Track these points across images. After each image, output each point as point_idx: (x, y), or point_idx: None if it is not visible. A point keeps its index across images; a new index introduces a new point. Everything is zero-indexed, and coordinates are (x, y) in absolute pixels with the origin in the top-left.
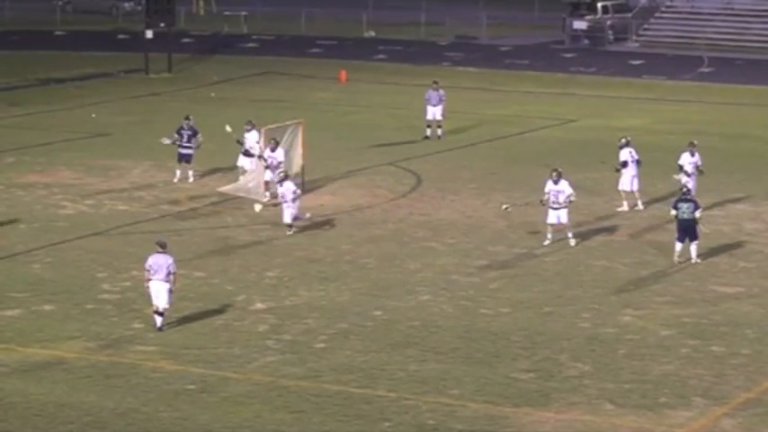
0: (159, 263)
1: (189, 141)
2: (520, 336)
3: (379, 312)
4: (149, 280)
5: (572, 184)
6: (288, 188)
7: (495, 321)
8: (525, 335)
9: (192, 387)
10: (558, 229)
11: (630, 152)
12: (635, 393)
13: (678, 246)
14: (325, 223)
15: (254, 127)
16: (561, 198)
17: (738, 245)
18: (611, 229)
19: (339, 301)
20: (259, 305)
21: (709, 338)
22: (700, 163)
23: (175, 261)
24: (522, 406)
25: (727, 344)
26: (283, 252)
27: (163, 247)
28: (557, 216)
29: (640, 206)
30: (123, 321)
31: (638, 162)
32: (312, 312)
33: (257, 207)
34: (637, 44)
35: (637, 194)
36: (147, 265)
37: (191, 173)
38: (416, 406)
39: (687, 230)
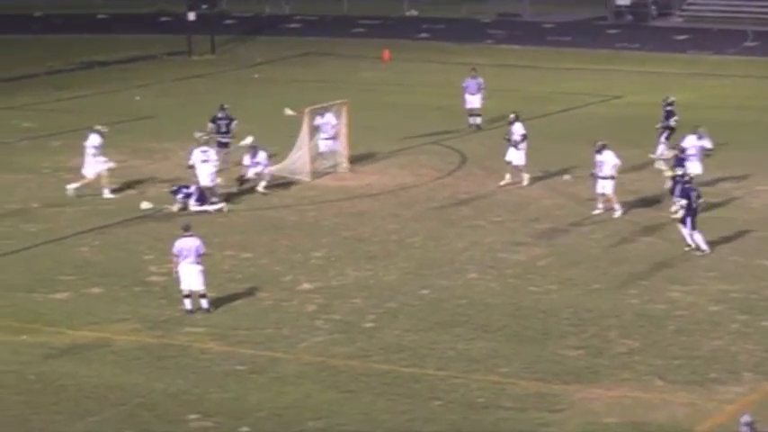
0: (188, 246)
1: (227, 130)
2: (568, 313)
3: (426, 291)
4: (178, 264)
5: (617, 155)
6: None
7: (543, 299)
8: (573, 312)
9: (241, 368)
10: (606, 199)
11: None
12: (685, 369)
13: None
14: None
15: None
16: (606, 168)
17: None
18: (656, 206)
19: (386, 280)
20: (307, 285)
21: (759, 313)
22: (709, 146)
23: (203, 242)
24: (571, 383)
25: None
26: (330, 232)
27: (188, 230)
28: (602, 186)
29: (525, 181)
30: (171, 303)
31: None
32: (360, 292)
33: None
34: (681, 19)
35: (524, 169)
36: (175, 251)
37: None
38: (466, 384)
39: (695, 217)
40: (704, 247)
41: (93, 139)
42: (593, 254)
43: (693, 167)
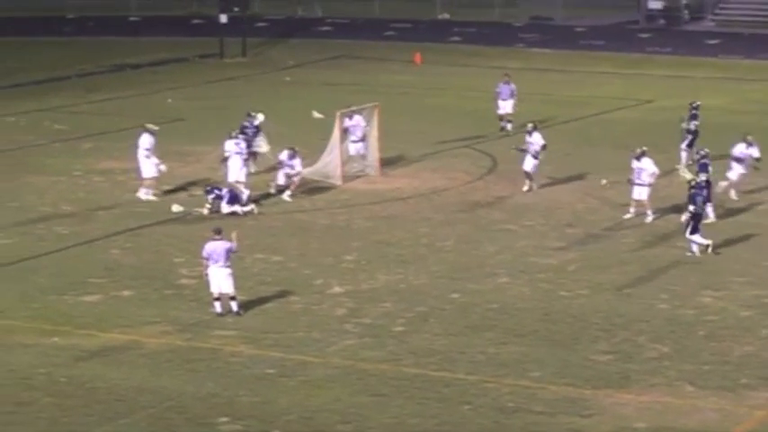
0: (218, 250)
1: (254, 137)
2: (599, 318)
3: (457, 295)
4: (208, 267)
5: (655, 163)
6: None
7: (573, 303)
8: (604, 317)
9: (271, 371)
10: (640, 205)
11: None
12: (715, 375)
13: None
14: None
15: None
16: (644, 175)
17: None
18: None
19: (417, 284)
20: (337, 289)
21: None
22: (757, 155)
23: (233, 245)
24: (601, 388)
25: None
26: (361, 236)
27: (218, 234)
28: (638, 192)
29: (534, 188)
30: (202, 306)
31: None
32: (390, 296)
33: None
34: (713, 23)
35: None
36: (205, 254)
37: (253, 168)
38: (496, 389)
39: (698, 222)
40: (704, 242)
41: (145, 140)
42: (624, 258)
43: (732, 173)
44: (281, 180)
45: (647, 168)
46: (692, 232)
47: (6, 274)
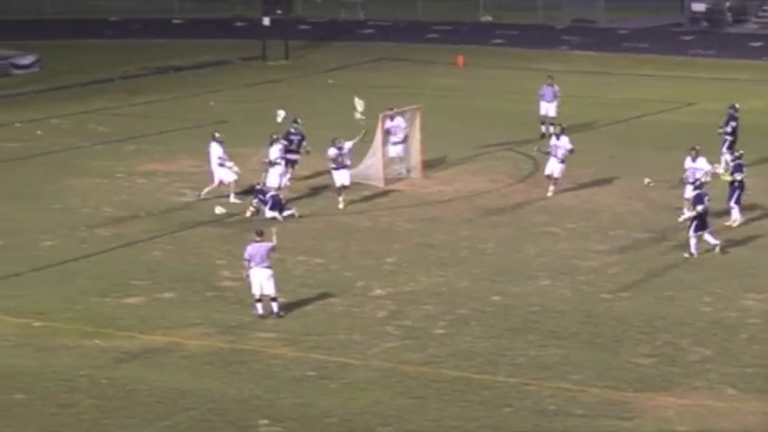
0: (260, 252)
1: (299, 146)
2: (640, 320)
3: (498, 297)
4: (249, 269)
5: (710, 162)
6: None
7: (615, 306)
8: (646, 319)
9: (312, 373)
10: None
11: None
12: (758, 378)
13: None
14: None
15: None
16: (699, 175)
17: None
18: (731, 214)
19: (458, 286)
20: (378, 291)
21: None
22: None
23: (274, 244)
24: (643, 391)
25: None
26: (402, 238)
27: (260, 236)
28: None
29: (550, 193)
30: (243, 308)
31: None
32: (431, 298)
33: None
34: (756, 26)
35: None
36: (246, 255)
37: (287, 177)
38: (537, 391)
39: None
40: (692, 249)
41: (216, 149)
42: (665, 261)
43: None
44: (342, 180)
45: (702, 168)
46: (697, 230)
47: (49, 276)
